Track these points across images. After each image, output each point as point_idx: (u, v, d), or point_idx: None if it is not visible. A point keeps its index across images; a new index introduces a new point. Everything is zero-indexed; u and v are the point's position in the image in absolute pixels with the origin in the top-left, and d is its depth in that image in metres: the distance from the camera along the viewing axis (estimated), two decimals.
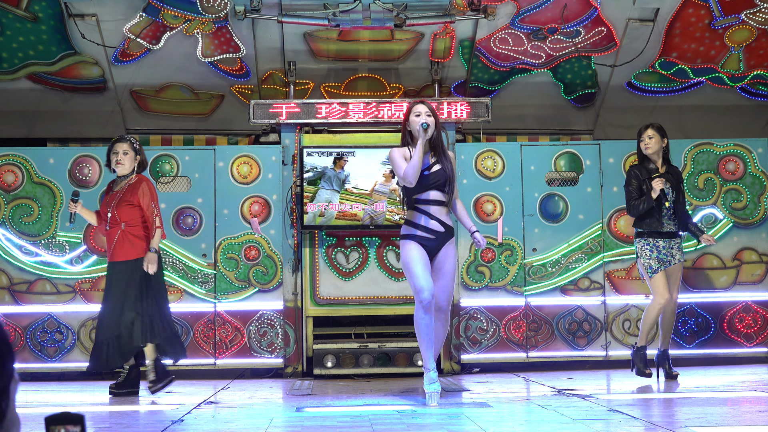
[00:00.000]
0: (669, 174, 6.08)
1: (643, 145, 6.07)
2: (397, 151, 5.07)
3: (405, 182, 4.97)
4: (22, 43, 7.56)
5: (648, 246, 5.97)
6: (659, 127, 6.11)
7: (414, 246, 4.96)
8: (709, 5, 7.48)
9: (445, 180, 5.04)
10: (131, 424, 4.54)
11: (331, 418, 4.44)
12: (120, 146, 5.80)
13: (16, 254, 7.05)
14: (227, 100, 8.23)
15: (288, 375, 7.04)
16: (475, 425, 4.03)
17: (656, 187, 5.88)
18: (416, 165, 4.88)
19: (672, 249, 6.00)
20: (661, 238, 5.98)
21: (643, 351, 5.98)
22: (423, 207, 5.01)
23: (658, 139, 6.05)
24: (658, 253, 5.95)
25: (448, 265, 5.03)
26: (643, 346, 5.98)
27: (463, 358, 7.12)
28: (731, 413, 4.45)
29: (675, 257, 6.01)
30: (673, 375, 6.02)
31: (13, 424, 1.61)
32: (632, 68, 8.05)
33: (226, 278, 7.11)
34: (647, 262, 5.96)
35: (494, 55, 7.92)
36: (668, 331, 6.08)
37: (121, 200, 5.74)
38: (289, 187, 7.19)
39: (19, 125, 8.13)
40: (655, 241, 5.98)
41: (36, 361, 7.00)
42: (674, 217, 6.03)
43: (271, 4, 7.32)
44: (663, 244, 5.98)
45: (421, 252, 4.96)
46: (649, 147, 6.05)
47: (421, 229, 4.99)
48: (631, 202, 6.02)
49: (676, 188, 6.06)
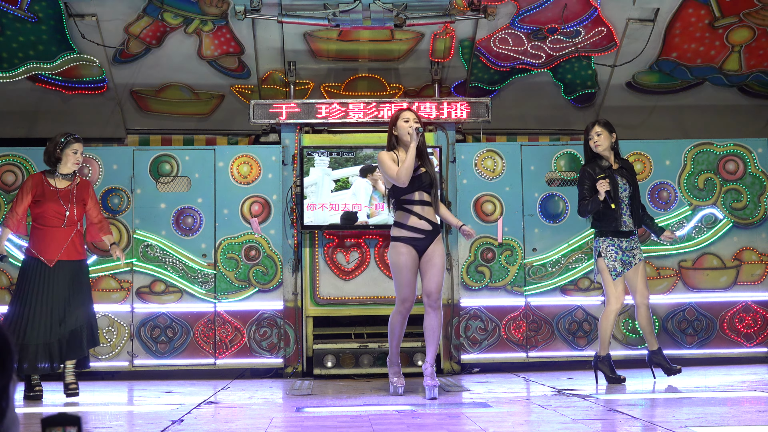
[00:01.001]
0: (623, 169, 5.98)
1: (592, 143, 5.96)
2: (385, 154, 5.35)
3: (398, 182, 5.23)
4: (22, 43, 7.56)
5: (613, 246, 5.87)
6: (606, 123, 6.00)
7: (404, 250, 5.27)
8: (709, 5, 7.48)
9: (430, 182, 5.39)
10: (131, 424, 4.54)
11: (331, 418, 4.44)
12: (79, 146, 5.83)
13: (16, 254, 7.04)
14: (227, 100, 8.23)
15: (288, 375, 7.04)
16: (475, 425, 4.03)
17: (601, 189, 5.77)
18: (410, 166, 5.18)
19: (633, 249, 5.92)
20: (623, 238, 5.89)
21: (607, 358, 5.91)
22: (411, 207, 5.31)
23: (606, 135, 5.94)
24: (622, 254, 5.87)
25: (436, 257, 5.33)
26: (606, 355, 5.91)
27: (463, 358, 7.12)
28: (731, 413, 4.44)
29: (636, 257, 5.92)
30: (674, 370, 5.91)
31: (12, 423, 1.62)
32: (632, 68, 8.05)
33: (226, 278, 7.11)
34: (612, 264, 5.85)
35: (494, 55, 7.92)
36: (650, 330, 5.97)
37: (78, 200, 5.79)
38: (289, 187, 7.19)
39: (19, 125, 8.13)
40: (619, 242, 5.88)
41: None
42: (631, 215, 5.93)
43: (271, 4, 7.32)
44: (626, 244, 5.89)
45: (411, 257, 5.29)
46: (599, 144, 5.94)
47: (411, 230, 5.29)
48: (582, 202, 5.92)
49: (631, 183, 5.97)
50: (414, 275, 5.33)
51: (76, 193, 5.80)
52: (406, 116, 5.38)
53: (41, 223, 5.73)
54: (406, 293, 5.29)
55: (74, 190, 5.80)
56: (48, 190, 5.75)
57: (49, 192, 5.75)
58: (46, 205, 5.71)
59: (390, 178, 5.28)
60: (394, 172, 5.22)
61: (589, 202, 5.87)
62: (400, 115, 5.40)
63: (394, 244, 5.33)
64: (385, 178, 5.40)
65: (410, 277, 5.29)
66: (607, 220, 5.87)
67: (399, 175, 5.19)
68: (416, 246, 5.30)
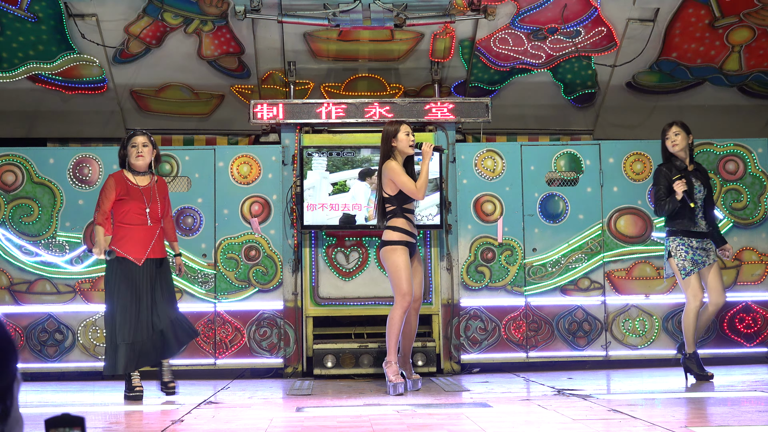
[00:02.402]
0: (698, 171, 6.03)
1: (670, 142, 6.00)
2: (396, 164, 5.69)
3: (417, 196, 5.66)
4: (22, 43, 7.56)
5: (683, 246, 5.91)
6: (683, 124, 6.05)
7: (404, 252, 5.65)
8: (709, 5, 7.48)
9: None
10: (131, 424, 4.54)
11: (331, 418, 4.44)
12: (139, 139, 5.75)
13: (16, 254, 7.05)
14: (227, 100, 8.23)
15: (288, 375, 7.04)
16: (475, 425, 4.03)
17: (678, 189, 5.83)
18: (427, 181, 5.69)
19: (706, 249, 5.94)
20: (694, 238, 5.92)
21: (695, 355, 5.93)
22: (409, 215, 5.75)
23: (684, 135, 5.99)
24: (693, 253, 5.89)
25: (421, 264, 5.92)
26: (693, 353, 5.94)
27: (463, 358, 7.12)
28: (731, 413, 4.45)
29: (710, 257, 5.94)
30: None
31: (16, 422, 1.62)
32: (632, 68, 8.05)
33: (226, 278, 7.11)
34: (681, 263, 5.90)
35: (494, 55, 7.93)
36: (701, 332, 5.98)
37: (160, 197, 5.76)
38: (289, 187, 7.20)
39: (19, 125, 8.13)
40: (689, 241, 5.91)
41: (36, 361, 7.00)
42: (705, 217, 5.96)
43: (271, 4, 7.32)
44: (696, 243, 5.91)
45: (407, 258, 5.68)
46: (676, 144, 5.98)
47: (409, 234, 5.70)
48: (659, 202, 5.97)
49: (705, 186, 6.00)
50: (411, 273, 5.72)
51: (157, 191, 5.78)
52: (406, 129, 5.76)
53: (126, 222, 5.66)
54: (407, 288, 5.63)
55: (155, 188, 5.78)
56: (132, 188, 5.72)
57: (133, 190, 5.71)
58: (131, 203, 5.67)
59: (408, 190, 5.64)
60: (413, 186, 5.62)
61: (666, 202, 5.90)
62: (400, 128, 5.76)
63: (395, 247, 5.65)
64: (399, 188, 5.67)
65: (409, 273, 5.67)
66: (681, 220, 5.92)
67: (419, 189, 5.62)
68: (410, 249, 5.73)
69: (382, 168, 5.73)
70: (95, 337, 7.02)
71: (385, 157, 5.74)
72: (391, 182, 5.67)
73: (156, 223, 5.73)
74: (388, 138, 5.75)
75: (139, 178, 5.77)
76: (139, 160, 5.72)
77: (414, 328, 5.92)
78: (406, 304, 5.65)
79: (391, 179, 5.66)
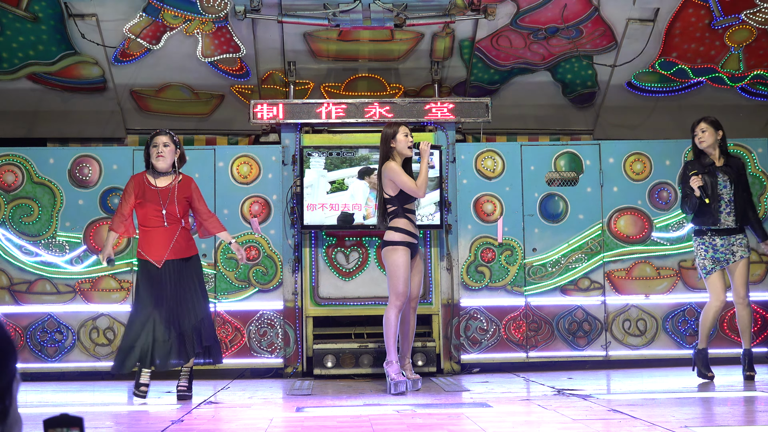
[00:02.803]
0: (728, 167, 5.97)
1: (697, 139, 5.97)
2: (395, 164, 5.73)
3: (419, 195, 5.72)
4: (22, 43, 7.56)
5: (703, 245, 5.90)
6: (713, 121, 5.98)
7: (405, 253, 5.70)
8: (709, 5, 7.48)
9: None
10: (131, 424, 4.54)
11: (331, 418, 4.44)
12: (160, 139, 5.65)
13: (16, 254, 7.05)
14: (227, 100, 8.23)
15: (288, 375, 7.04)
16: (475, 425, 4.03)
17: (693, 185, 5.81)
18: (426, 180, 5.72)
19: (732, 246, 5.88)
20: (718, 236, 5.89)
21: (704, 353, 5.93)
22: (410, 215, 5.80)
23: (711, 132, 5.93)
24: (714, 252, 5.86)
25: (421, 265, 5.97)
26: (704, 348, 5.93)
27: (463, 358, 7.12)
28: (731, 413, 4.45)
29: (736, 254, 5.88)
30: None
31: (15, 422, 1.62)
32: (632, 68, 8.04)
33: (226, 278, 7.11)
34: (701, 262, 5.90)
35: (494, 55, 7.93)
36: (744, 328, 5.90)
37: (179, 197, 5.63)
38: (289, 187, 7.19)
39: (19, 125, 8.13)
40: (711, 240, 5.89)
41: (36, 361, 7.01)
42: (734, 212, 5.91)
43: (271, 4, 7.32)
44: (720, 242, 5.88)
45: (408, 258, 5.73)
46: (703, 141, 5.95)
47: (410, 234, 5.75)
48: (683, 200, 5.99)
49: (734, 181, 5.94)
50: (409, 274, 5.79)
51: (177, 191, 5.64)
52: (405, 131, 5.82)
53: (145, 225, 5.61)
54: (402, 289, 5.70)
55: (175, 188, 5.63)
56: (149, 190, 5.62)
57: (150, 192, 5.62)
58: (148, 205, 5.59)
59: (408, 189, 5.68)
60: (413, 185, 5.67)
61: (685, 200, 5.93)
62: (398, 129, 5.82)
63: (396, 247, 5.70)
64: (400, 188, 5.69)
65: (408, 275, 5.74)
66: (702, 217, 5.90)
67: (420, 188, 5.66)
68: (412, 249, 5.77)
69: (382, 169, 5.76)
70: (95, 337, 7.02)
71: (384, 158, 5.80)
72: (391, 183, 5.70)
73: (175, 223, 5.60)
74: (386, 139, 5.81)
75: (160, 179, 5.66)
76: (159, 161, 5.60)
77: (412, 328, 5.96)
78: (400, 305, 5.73)
79: (392, 179, 5.69)
